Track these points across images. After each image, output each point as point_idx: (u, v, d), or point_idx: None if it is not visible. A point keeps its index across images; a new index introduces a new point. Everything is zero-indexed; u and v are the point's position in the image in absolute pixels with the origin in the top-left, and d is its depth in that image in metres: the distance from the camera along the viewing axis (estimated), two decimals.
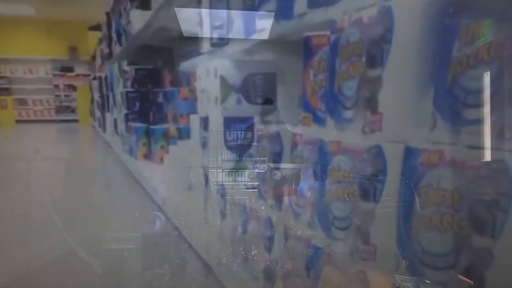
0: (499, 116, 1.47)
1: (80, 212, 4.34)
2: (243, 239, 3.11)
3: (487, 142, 1.51)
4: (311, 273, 2.56)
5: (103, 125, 12.97)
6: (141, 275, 2.85)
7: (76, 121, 20.75)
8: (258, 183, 3.13)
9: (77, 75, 22.77)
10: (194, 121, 4.35)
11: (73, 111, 22.17)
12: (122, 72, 8.91)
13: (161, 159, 6.37)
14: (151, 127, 7.20)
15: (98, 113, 14.73)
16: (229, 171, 3.18)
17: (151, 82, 8.37)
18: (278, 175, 3.25)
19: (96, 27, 15.47)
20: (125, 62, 8.86)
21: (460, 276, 1.89)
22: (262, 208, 3.09)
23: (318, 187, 2.49)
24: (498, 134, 1.47)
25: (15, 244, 3.75)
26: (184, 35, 4.54)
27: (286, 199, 2.91)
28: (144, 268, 2.85)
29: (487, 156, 1.53)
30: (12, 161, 8.24)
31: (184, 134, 5.71)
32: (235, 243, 3.12)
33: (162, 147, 6.66)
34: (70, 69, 22.82)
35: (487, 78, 1.51)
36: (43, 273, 3.06)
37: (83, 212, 4.41)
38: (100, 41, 14.32)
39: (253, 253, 2.98)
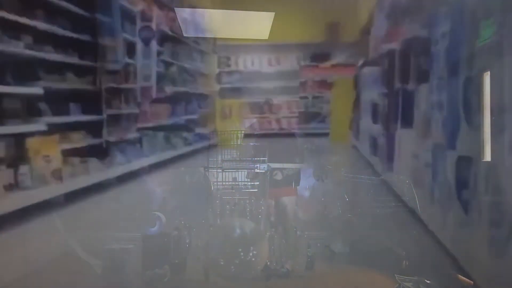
0: None
1: None
2: None
3: None
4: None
5: (376, 147, 7.88)
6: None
7: (323, 135, 12.54)
8: None
9: (334, 66, 14.48)
10: None
11: (322, 120, 14.53)
12: None
13: None
14: None
15: (365, 125, 9.56)
16: None
17: None
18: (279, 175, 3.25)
19: None
20: None
21: (460, 276, 1.87)
22: None
23: None
24: None
25: None
26: None
27: None
28: None
29: None
30: None
31: None
32: None
33: None
34: (325, 57, 14.68)
35: None
36: None
37: None
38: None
39: None
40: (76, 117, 6.70)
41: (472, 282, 1.83)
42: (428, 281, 2.10)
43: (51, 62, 6.23)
